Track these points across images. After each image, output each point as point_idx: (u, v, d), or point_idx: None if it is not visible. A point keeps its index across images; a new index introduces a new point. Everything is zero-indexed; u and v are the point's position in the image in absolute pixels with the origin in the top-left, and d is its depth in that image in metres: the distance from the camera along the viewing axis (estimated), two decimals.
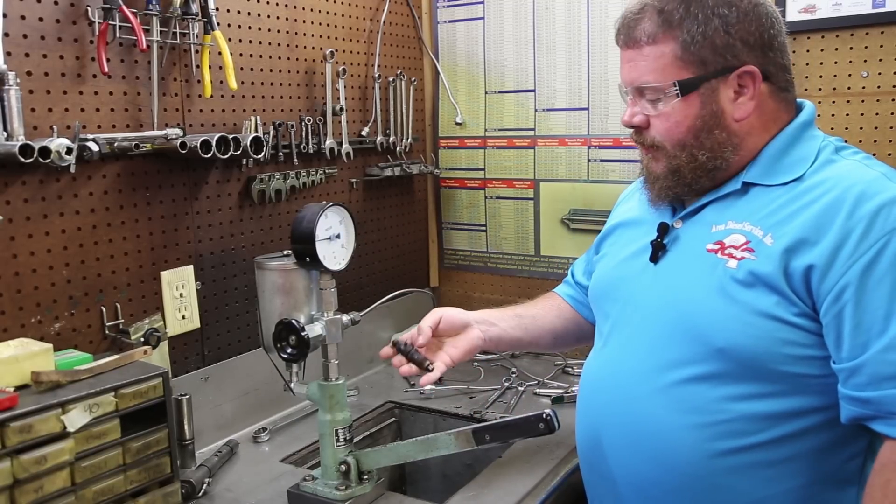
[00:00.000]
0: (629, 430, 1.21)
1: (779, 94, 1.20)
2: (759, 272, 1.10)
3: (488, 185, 2.37)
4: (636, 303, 1.25)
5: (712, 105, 1.16)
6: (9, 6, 1.35)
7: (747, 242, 1.13)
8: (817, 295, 1.07)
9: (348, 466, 1.40)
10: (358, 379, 2.10)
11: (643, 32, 1.17)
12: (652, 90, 1.18)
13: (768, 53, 1.17)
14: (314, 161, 1.98)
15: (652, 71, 1.17)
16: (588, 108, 2.16)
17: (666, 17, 1.15)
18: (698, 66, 1.15)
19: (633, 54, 1.20)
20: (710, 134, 1.17)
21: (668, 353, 1.18)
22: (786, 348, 1.09)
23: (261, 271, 1.44)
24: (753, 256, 1.11)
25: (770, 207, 1.14)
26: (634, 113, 1.22)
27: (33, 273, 1.41)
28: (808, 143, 1.19)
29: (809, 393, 1.10)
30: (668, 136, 1.19)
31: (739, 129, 1.18)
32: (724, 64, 1.15)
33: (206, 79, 1.66)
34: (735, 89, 1.16)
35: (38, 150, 1.32)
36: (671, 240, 1.24)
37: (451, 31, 2.37)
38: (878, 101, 1.76)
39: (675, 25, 1.15)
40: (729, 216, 1.18)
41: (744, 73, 1.15)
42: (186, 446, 1.51)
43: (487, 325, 1.50)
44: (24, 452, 1.15)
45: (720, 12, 1.14)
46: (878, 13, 1.73)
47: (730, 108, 1.17)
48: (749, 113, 1.17)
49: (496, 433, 1.29)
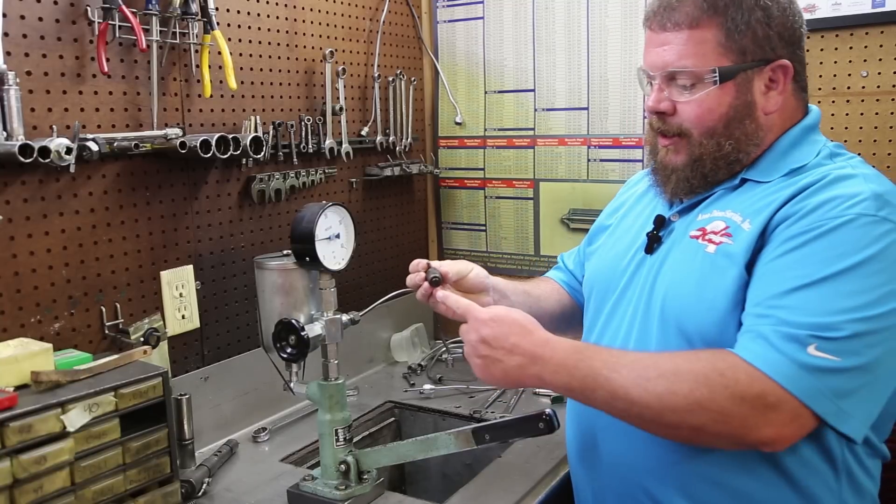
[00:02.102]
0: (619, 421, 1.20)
1: (799, 94, 1.21)
2: (733, 254, 1.11)
3: (488, 185, 2.37)
4: (629, 295, 1.27)
5: (746, 95, 1.16)
6: (8, 6, 1.35)
7: (726, 228, 1.14)
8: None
9: (348, 466, 1.40)
10: (358, 379, 2.10)
11: (686, 15, 1.15)
12: (689, 75, 1.16)
13: (797, 51, 1.18)
14: (314, 161, 1.98)
15: (692, 55, 1.15)
16: (588, 107, 2.16)
17: (712, 3, 1.14)
18: (738, 54, 1.14)
19: (669, 37, 1.16)
20: (741, 124, 1.17)
21: (653, 342, 1.19)
22: None
23: (260, 271, 1.44)
24: (731, 241, 1.13)
25: (755, 198, 1.16)
26: (661, 98, 1.19)
27: (33, 273, 1.41)
28: (808, 146, 1.20)
29: None
30: (699, 122, 1.17)
31: (765, 123, 1.18)
32: (762, 55, 1.15)
33: (205, 78, 1.66)
34: (766, 83, 1.16)
35: (38, 150, 1.32)
36: (667, 232, 1.26)
37: (451, 31, 2.37)
38: (878, 100, 1.76)
39: (720, 11, 1.13)
40: (715, 206, 1.20)
41: (778, 66, 1.16)
42: (186, 446, 1.51)
43: (501, 294, 1.48)
44: (24, 452, 1.15)
45: (763, 4, 1.14)
46: (878, 13, 1.73)
47: (761, 101, 1.17)
48: (777, 107, 1.18)
49: (496, 433, 1.29)
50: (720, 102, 1.16)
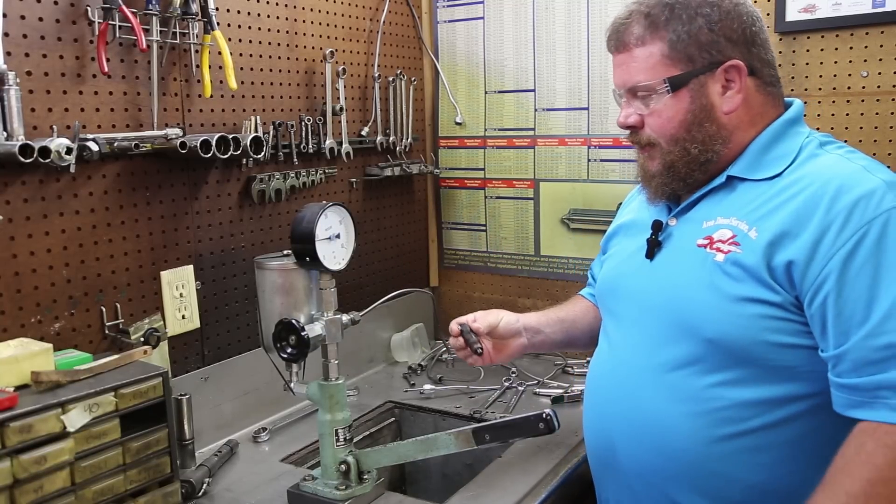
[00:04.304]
0: (634, 422, 1.25)
1: (765, 89, 1.25)
2: (744, 264, 1.14)
3: (488, 185, 2.37)
4: (634, 299, 1.30)
5: (702, 99, 1.21)
6: (8, 6, 1.35)
7: (734, 236, 1.17)
8: (800, 288, 1.11)
9: (348, 466, 1.40)
10: (358, 379, 2.10)
11: (632, 35, 1.23)
12: (644, 89, 1.23)
13: (752, 49, 1.22)
14: (314, 161, 1.98)
15: (642, 71, 1.22)
16: (588, 107, 2.16)
17: (652, 20, 1.21)
18: (686, 62, 1.20)
19: (623, 58, 1.25)
20: (701, 127, 1.22)
21: (663, 345, 1.22)
22: (771, 336, 1.13)
23: (261, 271, 1.44)
24: (739, 249, 1.16)
25: (756, 202, 1.19)
26: (629, 114, 1.27)
27: (33, 273, 1.41)
28: (792, 139, 1.23)
29: (798, 380, 1.14)
30: (662, 131, 1.24)
31: (728, 122, 1.22)
32: (711, 59, 1.20)
33: (205, 79, 1.66)
34: (723, 84, 1.21)
35: (38, 150, 1.32)
36: (665, 237, 1.29)
37: (451, 31, 2.36)
38: (878, 100, 1.76)
39: (661, 27, 1.21)
40: (718, 212, 1.23)
41: (730, 66, 1.20)
42: (186, 446, 1.51)
43: (533, 332, 1.56)
44: (24, 452, 1.15)
45: (703, 12, 1.20)
46: (878, 13, 1.73)
47: (719, 102, 1.22)
48: (737, 105, 1.22)
49: (496, 433, 1.29)
50: (677, 110, 1.22)
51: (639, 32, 1.22)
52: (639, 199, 1.44)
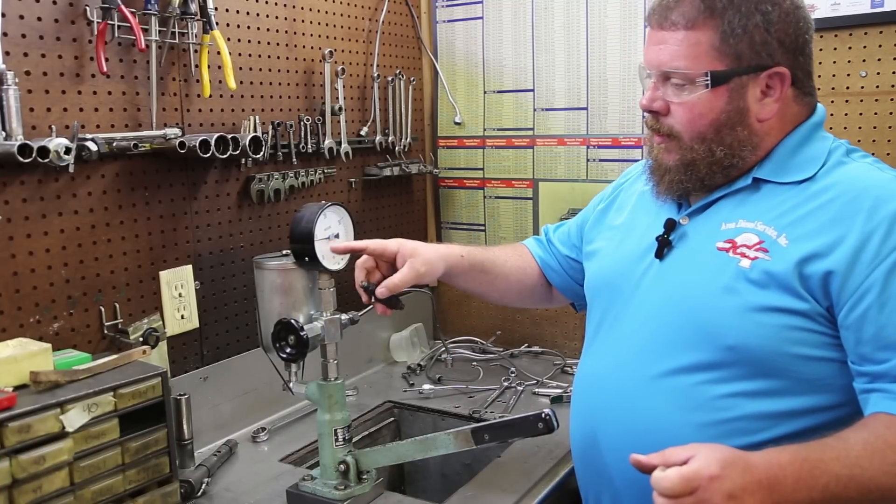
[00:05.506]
0: (628, 427, 1.19)
1: (801, 100, 1.18)
2: (773, 272, 1.08)
3: (487, 185, 2.37)
4: (638, 299, 1.23)
5: (739, 101, 1.14)
6: (7, 6, 1.35)
7: (761, 242, 1.12)
8: (837, 299, 1.06)
9: (347, 466, 1.40)
10: (357, 379, 2.10)
11: (682, 16, 1.13)
12: (681, 77, 1.14)
13: (799, 58, 1.15)
14: (313, 161, 1.98)
15: (685, 56, 1.13)
16: (587, 107, 2.16)
17: (709, 4, 1.12)
18: (733, 59, 1.12)
19: (666, 36, 1.15)
20: (732, 130, 1.15)
21: (673, 350, 1.16)
22: (796, 348, 1.08)
23: (260, 271, 1.44)
24: (768, 257, 1.10)
25: (783, 207, 1.13)
26: (655, 98, 1.18)
27: (32, 273, 1.41)
28: (819, 142, 1.18)
29: (818, 392, 1.09)
30: (689, 126, 1.16)
31: (760, 129, 1.16)
32: (759, 61, 1.12)
33: (204, 78, 1.66)
34: (763, 89, 1.14)
35: (37, 150, 1.32)
36: (678, 237, 1.22)
37: (450, 31, 2.36)
38: (877, 100, 1.77)
39: (716, 14, 1.11)
40: (740, 214, 1.16)
41: (774, 73, 1.13)
42: (185, 446, 1.51)
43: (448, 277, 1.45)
44: (23, 452, 1.15)
45: (763, 8, 1.11)
46: (877, 13, 1.73)
47: (755, 107, 1.15)
48: (772, 115, 1.15)
49: (495, 433, 1.29)
50: (711, 107, 1.14)
51: (692, 14, 1.12)
52: (635, 192, 1.38)
